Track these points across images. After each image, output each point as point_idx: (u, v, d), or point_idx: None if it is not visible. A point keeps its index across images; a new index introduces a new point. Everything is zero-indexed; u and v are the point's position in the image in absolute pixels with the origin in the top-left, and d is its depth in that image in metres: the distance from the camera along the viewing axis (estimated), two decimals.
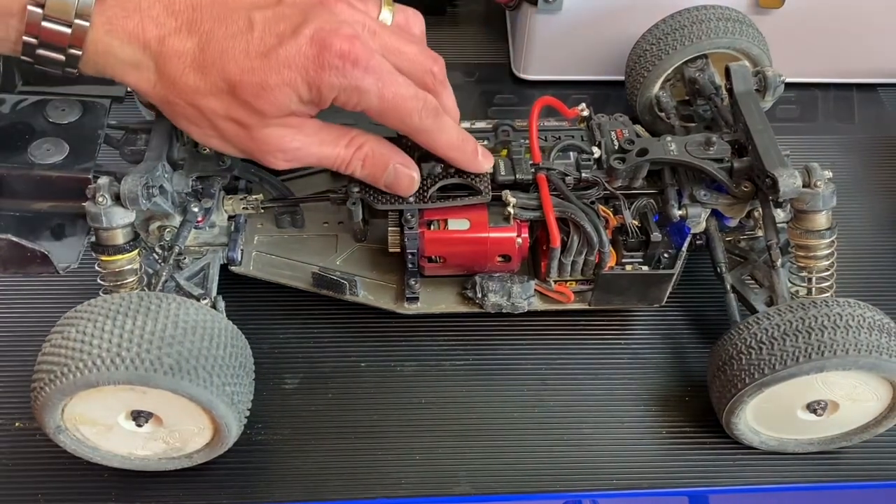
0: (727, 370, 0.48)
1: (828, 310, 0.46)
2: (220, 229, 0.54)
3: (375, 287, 0.55)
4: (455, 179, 0.50)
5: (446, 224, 0.51)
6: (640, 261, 0.52)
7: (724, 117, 0.56)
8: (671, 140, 0.52)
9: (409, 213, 0.50)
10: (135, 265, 0.48)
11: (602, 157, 0.52)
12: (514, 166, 0.52)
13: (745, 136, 0.51)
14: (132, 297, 0.44)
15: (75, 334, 0.42)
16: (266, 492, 0.50)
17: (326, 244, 0.56)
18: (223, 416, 0.45)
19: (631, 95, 0.64)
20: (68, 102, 0.50)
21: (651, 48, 0.61)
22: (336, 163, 0.45)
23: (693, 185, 0.52)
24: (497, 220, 0.51)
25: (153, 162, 0.48)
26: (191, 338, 0.43)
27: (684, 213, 0.52)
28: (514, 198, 0.50)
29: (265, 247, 0.56)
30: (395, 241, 0.51)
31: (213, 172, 0.51)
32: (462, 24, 0.72)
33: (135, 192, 0.45)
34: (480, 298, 0.53)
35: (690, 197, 0.52)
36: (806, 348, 0.45)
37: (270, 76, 0.40)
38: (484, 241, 0.51)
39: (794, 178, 0.48)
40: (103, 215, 0.45)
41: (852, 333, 0.45)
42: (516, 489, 0.50)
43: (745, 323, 0.48)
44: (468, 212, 0.51)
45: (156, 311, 0.43)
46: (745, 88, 0.54)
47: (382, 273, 0.55)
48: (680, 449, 0.52)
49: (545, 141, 0.54)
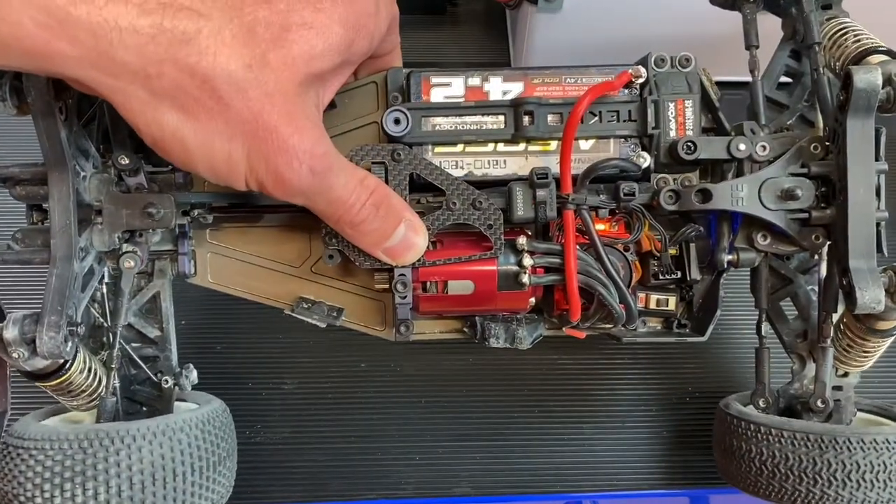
0: (738, 462, 0.43)
1: (862, 456, 0.40)
2: (163, 236, 0.43)
3: (361, 304, 0.44)
4: (459, 219, 0.40)
5: (445, 287, 0.41)
6: (667, 285, 0.43)
7: (819, 95, 0.42)
8: (744, 183, 0.41)
9: (402, 279, 0.40)
10: (81, 367, 0.41)
11: (650, 165, 0.41)
12: (536, 197, 0.40)
13: (839, 178, 0.40)
14: (75, 452, 0.37)
15: (23, 499, 0.37)
16: (266, 492, 0.50)
17: (297, 240, 0.44)
18: None
19: None
20: None
21: None
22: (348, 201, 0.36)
23: (751, 225, 0.42)
24: (507, 279, 0.41)
25: (64, 268, 0.38)
26: (151, 489, 0.37)
27: (735, 259, 0.42)
28: (531, 255, 0.40)
29: (221, 246, 0.44)
30: (383, 279, 0.42)
31: (141, 227, 0.40)
32: (462, 23, 0.72)
33: (55, 351, 0.37)
34: (480, 340, 0.43)
35: (746, 239, 0.42)
36: (822, 497, 0.40)
37: None
38: (492, 305, 0.42)
39: (877, 296, 0.38)
40: (24, 366, 0.38)
41: (876, 492, 0.40)
42: (516, 489, 0.50)
43: (764, 429, 0.42)
44: (473, 264, 0.41)
45: (104, 471, 0.37)
46: (865, 120, 0.39)
47: (368, 279, 0.43)
48: (680, 450, 0.52)
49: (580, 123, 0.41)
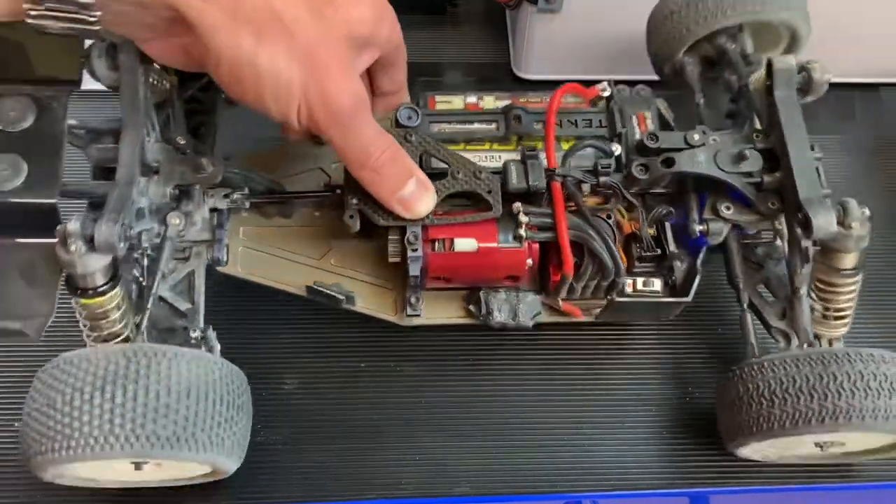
0: (737, 411, 0.46)
1: (849, 367, 0.43)
2: (203, 224, 0.49)
3: (373, 292, 0.51)
4: (462, 188, 0.47)
5: (452, 243, 0.47)
6: (651, 270, 0.49)
7: (754, 108, 0.50)
8: (700, 150, 0.47)
9: (413, 233, 0.47)
10: (117, 301, 0.44)
11: (621, 155, 0.49)
12: (527, 171, 0.47)
13: (780, 148, 0.47)
14: (118, 357, 0.40)
15: (61, 405, 0.40)
16: (266, 492, 0.49)
17: (319, 238, 0.52)
18: (223, 463, 0.44)
19: (654, 54, 0.59)
20: (19, 102, 0.42)
21: (684, 10, 0.55)
22: (374, 144, 0.42)
23: (716, 196, 0.48)
24: (507, 238, 0.47)
25: (126, 188, 0.42)
26: (185, 402, 0.40)
27: (705, 228, 0.48)
28: (526, 215, 0.47)
29: (252, 241, 0.52)
30: (396, 252, 0.48)
31: (192, 181, 0.47)
32: (462, 24, 0.72)
33: (111, 241, 0.40)
34: (485, 316, 0.50)
35: (712, 209, 0.48)
36: (820, 411, 0.42)
37: None
38: (493, 262, 0.48)
39: (829, 221, 0.44)
40: (77, 263, 0.41)
41: (871, 398, 0.42)
42: (516, 490, 0.50)
43: (759, 366, 0.45)
44: (476, 227, 0.48)
45: (145, 376, 0.40)
46: (788, 93, 0.48)
47: (381, 273, 0.51)
48: (680, 450, 0.52)
49: (560, 127, 0.50)
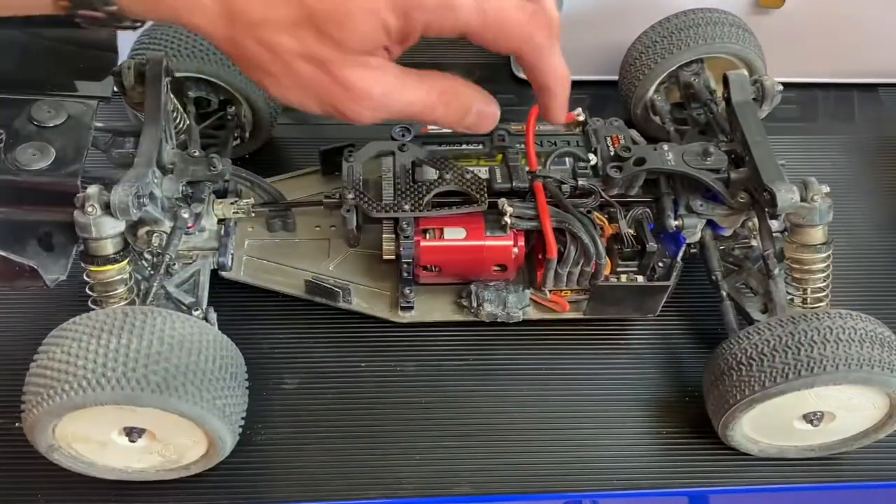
0: (720, 385, 0.48)
1: (818, 323, 0.45)
2: (210, 233, 0.53)
3: (369, 294, 0.54)
4: (451, 187, 0.50)
5: (442, 233, 0.50)
6: (634, 270, 0.52)
7: (719, 124, 0.55)
8: (668, 149, 0.51)
9: (405, 221, 0.50)
10: (125, 275, 0.47)
11: (598, 165, 0.52)
12: (511, 174, 0.51)
13: (743, 146, 0.51)
14: (117, 313, 0.43)
15: (60, 354, 0.42)
16: (266, 492, 0.49)
17: (319, 249, 0.56)
18: (216, 429, 0.44)
19: (625, 98, 0.64)
20: (54, 104, 0.48)
21: (647, 51, 0.61)
22: (422, 108, 0.41)
23: (689, 194, 0.52)
24: (493, 229, 0.50)
25: (143, 168, 0.46)
26: (177, 353, 0.42)
27: (680, 223, 0.51)
28: (510, 206, 0.50)
29: (256, 251, 0.55)
30: (390, 248, 0.51)
31: (203, 178, 0.50)
32: None
33: (125, 202, 0.43)
34: (475, 308, 0.52)
35: (687, 207, 0.52)
36: (795, 364, 0.44)
37: (352, 1, 0.36)
38: (480, 251, 0.51)
39: (791, 193, 0.47)
40: (93, 226, 0.44)
41: (843, 347, 0.44)
42: (516, 489, 0.50)
43: (736, 337, 0.48)
44: (464, 220, 0.51)
45: (140, 327, 0.42)
46: (743, 98, 0.53)
47: (376, 279, 0.55)
48: (680, 449, 0.52)
49: (541, 146, 0.54)
